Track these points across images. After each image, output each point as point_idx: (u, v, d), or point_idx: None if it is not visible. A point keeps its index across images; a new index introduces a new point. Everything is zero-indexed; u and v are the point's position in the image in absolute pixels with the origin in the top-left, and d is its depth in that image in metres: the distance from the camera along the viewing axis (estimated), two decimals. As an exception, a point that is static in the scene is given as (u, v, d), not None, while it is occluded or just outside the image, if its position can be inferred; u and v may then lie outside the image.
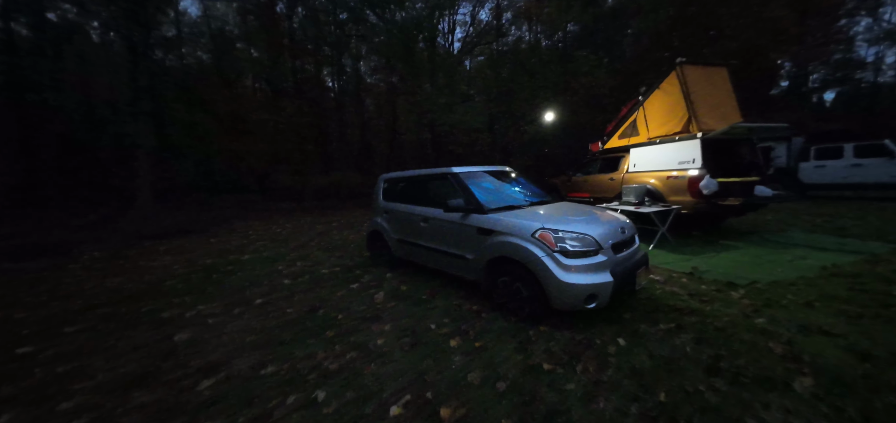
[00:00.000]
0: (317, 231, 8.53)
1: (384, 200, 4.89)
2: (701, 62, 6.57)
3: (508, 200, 3.72)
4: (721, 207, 5.75)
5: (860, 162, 9.89)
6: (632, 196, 6.61)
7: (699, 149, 5.92)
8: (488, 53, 22.96)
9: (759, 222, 7.11)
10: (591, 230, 2.90)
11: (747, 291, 3.60)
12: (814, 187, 10.84)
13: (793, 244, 5.39)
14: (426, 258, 4.14)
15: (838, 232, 6.03)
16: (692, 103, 6.15)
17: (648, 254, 5.29)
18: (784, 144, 11.31)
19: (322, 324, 3.16)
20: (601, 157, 8.56)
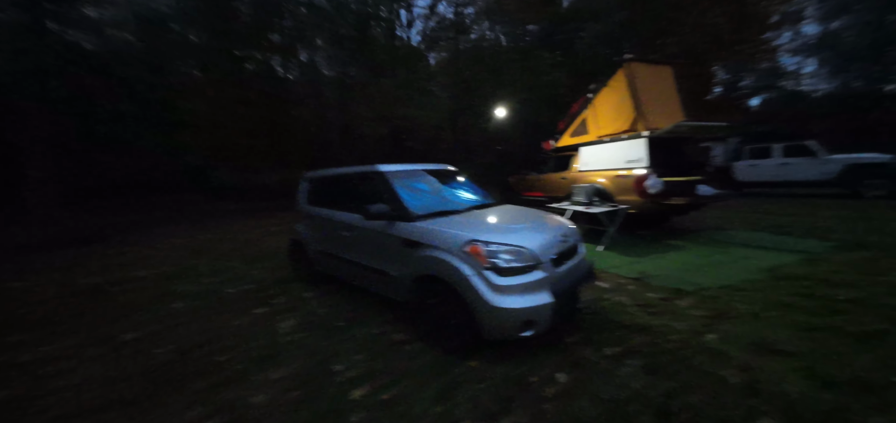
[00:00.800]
0: (248, 237, 7.54)
1: (307, 203, 4.16)
2: (647, 60, 6.43)
3: (444, 204, 3.16)
4: (667, 207, 5.61)
5: (787, 161, 10.49)
6: (581, 196, 6.35)
7: (645, 148, 5.74)
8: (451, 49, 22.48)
9: (703, 220, 7.16)
10: (529, 241, 2.42)
11: (696, 299, 3.32)
12: (748, 185, 11.40)
13: (735, 244, 5.34)
14: (349, 274, 3.50)
15: (775, 230, 6.12)
16: (639, 101, 5.97)
17: (598, 257, 5.18)
18: (721, 144, 11.82)
19: (195, 370, 2.43)
20: (554, 155, 8.32)
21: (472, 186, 3.97)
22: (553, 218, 3.07)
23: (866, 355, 2.24)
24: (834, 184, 9.86)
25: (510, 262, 2.29)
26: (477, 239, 2.35)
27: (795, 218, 7.01)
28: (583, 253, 2.96)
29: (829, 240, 5.19)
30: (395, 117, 14.42)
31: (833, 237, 5.31)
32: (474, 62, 19.28)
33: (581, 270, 2.78)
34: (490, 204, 3.54)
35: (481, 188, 4.04)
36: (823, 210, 7.89)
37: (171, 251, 6.48)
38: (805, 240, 5.27)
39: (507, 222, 2.84)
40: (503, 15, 20.14)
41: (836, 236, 5.42)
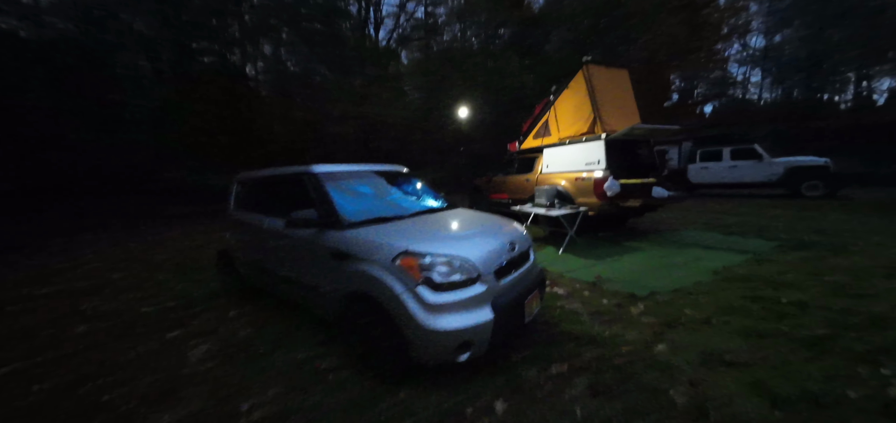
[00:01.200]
0: (187, 245, 6.86)
1: (236, 208, 3.71)
2: (605, 63, 6.42)
3: (385, 210, 2.83)
4: (624, 209, 5.59)
5: (736, 164, 10.99)
6: (543, 198, 6.24)
7: (603, 150, 5.69)
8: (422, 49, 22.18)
9: (659, 221, 7.26)
10: (470, 251, 2.16)
11: (648, 304, 3.21)
12: (700, 186, 11.86)
13: (687, 244, 5.38)
14: (280, 289, 3.11)
15: (725, 230, 6.26)
16: (597, 103, 5.93)
17: (557, 260, 5.02)
18: (676, 147, 12.24)
19: (71, 412, 1.99)
20: (519, 157, 8.20)
21: (424, 188, 3.68)
22: (504, 224, 2.83)
23: (814, 365, 2.15)
24: (777, 185, 10.42)
25: (447, 276, 2.02)
26: (410, 250, 2.06)
27: (743, 218, 7.26)
28: (533, 261, 2.75)
29: (774, 240, 5.33)
30: (360, 116, 13.91)
31: (777, 237, 5.47)
32: (444, 62, 19.10)
33: (530, 279, 2.55)
34: (440, 209, 3.26)
35: (434, 191, 3.77)
36: (768, 210, 8.26)
37: (93, 262, 5.75)
38: (752, 240, 5.39)
39: (451, 230, 2.56)
40: (473, 17, 20.13)
41: (780, 235, 5.59)
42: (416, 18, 22.13)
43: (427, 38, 21.32)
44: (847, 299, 3.07)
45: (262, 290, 3.47)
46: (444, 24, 22.86)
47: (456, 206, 3.56)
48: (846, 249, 4.65)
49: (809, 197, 9.76)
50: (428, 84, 18.62)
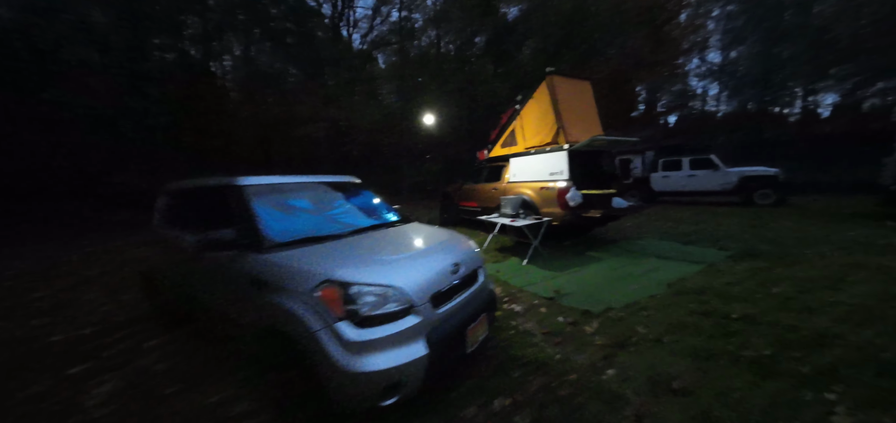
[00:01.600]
0: (129, 257, 6.26)
1: (160, 224, 3.33)
2: (568, 74, 6.40)
3: (321, 227, 2.56)
4: (586, 219, 5.54)
5: (694, 173, 11.37)
6: (509, 208, 6.12)
7: (566, 160, 5.65)
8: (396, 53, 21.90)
9: (621, 230, 7.32)
10: (403, 277, 1.94)
11: (602, 321, 3.10)
12: (662, 194, 12.20)
13: (646, 254, 5.40)
14: (200, 318, 2.77)
15: (682, 238, 6.36)
16: (560, 114, 5.89)
17: (520, 272, 4.85)
18: (640, 157, 12.56)
19: None
20: (488, 165, 8.09)
21: (374, 201, 3.43)
22: (450, 242, 2.62)
23: (759, 390, 2.07)
24: (732, 193, 10.84)
25: (374, 308, 1.79)
26: (333, 278, 1.82)
27: (699, 227, 7.43)
28: (482, 282, 2.56)
29: (727, 249, 5.43)
30: (327, 118, 13.45)
31: (730, 246, 5.57)
32: (420, 67, 18.91)
33: (476, 303, 2.36)
34: (389, 224, 3.02)
35: (387, 203, 3.53)
36: (724, 218, 8.53)
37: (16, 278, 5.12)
38: (706, 249, 5.46)
39: (388, 252, 2.32)
40: (447, 23, 20.06)
41: (734, 244, 5.71)
42: (390, 21, 21.85)
43: (401, 42, 21.06)
44: (793, 314, 3.07)
45: (187, 317, 3.10)
46: (419, 30, 22.71)
47: (410, 219, 3.35)
48: (793, 258, 4.77)
49: (761, 205, 10.20)
50: (402, 88, 18.37)
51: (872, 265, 4.25)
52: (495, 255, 5.80)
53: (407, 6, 21.44)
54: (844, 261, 4.53)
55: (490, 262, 5.36)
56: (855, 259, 4.58)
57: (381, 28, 21.92)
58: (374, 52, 22.35)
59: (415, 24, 22.36)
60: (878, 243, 5.31)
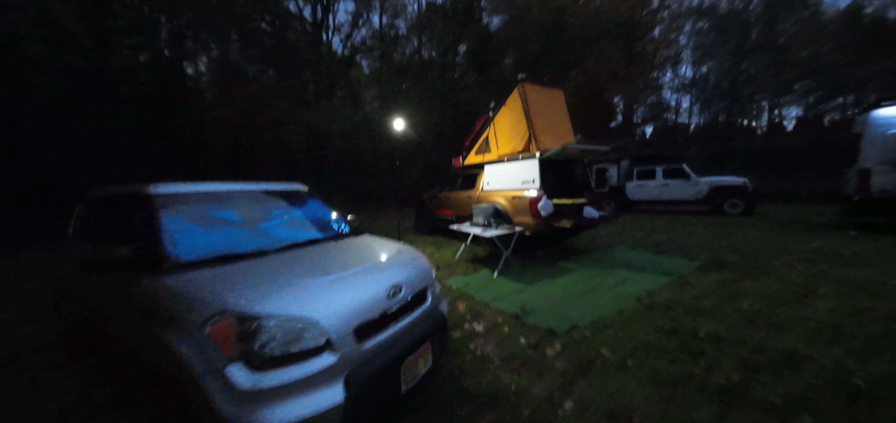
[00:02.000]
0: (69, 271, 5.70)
1: (74, 236, 2.92)
2: (540, 82, 6.26)
3: (241, 243, 2.20)
4: (557, 229, 5.35)
5: (667, 182, 11.47)
6: (480, 217, 5.87)
7: (537, 169, 5.46)
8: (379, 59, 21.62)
9: (594, 239, 7.18)
10: (320, 307, 1.62)
11: (565, 342, 2.85)
12: (638, 203, 12.26)
13: (616, 264, 5.23)
14: (99, 348, 2.38)
15: (654, 248, 6.26)
16: (531, 122, 5.72)
17: (490, 285, 4.47)
18: (615, 166, 12.62)
19: None
20: (462, 173, 7.85)
21: (320, 211, 3.11)
22: (393, 259, 2.32)
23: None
24: (703, 202, 10.96)
25: (278, 345, 1.47)
26: (230, 309, 1.49)
27: (671, 236, 7.38)
28: (430, 304, 2.26)
29: (697, 259, 5.33)
30: (302, 122, 12.99)
31: (700, 256, 5.48)
32: (400, 73, 18.68)
33: (418, 332, 2.05)
34: (331, 238, 2.70)
35: (339, 214, 3.21)
36: (695, 227, 8.55)
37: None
38: (677, 260, 5.35)
39: (313, 273, 1.96)
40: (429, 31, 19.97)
41: (703, 254, 5.62)
42: (373, 28, 21.58)
43: (384, 48, 20.81)
44: (761, 331, 2.90)
45: (91, 347, 2.68)
46: (402, 37, 22.54)
47: (363, 231, 3.04)
48: (760, 269, 4.68)
49: (731, 214, 10.33)
50: (383, 94, 18.06)
51: (837, 277, 4.19)
52: (467, 266, 5.53)
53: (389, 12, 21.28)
54: (811, 272, 4.47)
55: (460, 274, 5.09)
56: (820, 270, 4.52)
57: (364, 33, 21.66)
58: (358, 58, 21.99)
59: (398, 31, 22.21)
60: (843, 253, 5.32)
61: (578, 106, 19.03)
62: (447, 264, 5.60)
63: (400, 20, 22.46)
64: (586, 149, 5.68)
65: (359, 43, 21.53)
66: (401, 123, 6.14)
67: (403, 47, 22.11)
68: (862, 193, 6.65)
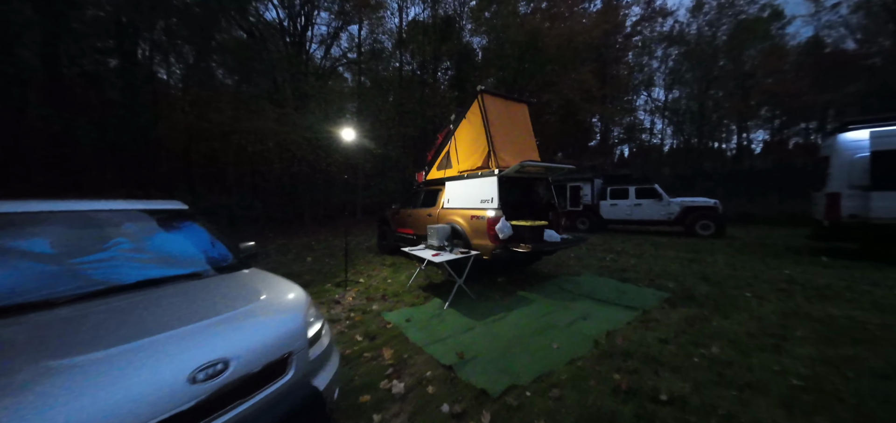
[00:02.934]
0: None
1: None
2: (502, 95, 5.77)
3: (30, 286, 1.54)
4: (517, 254, 4.77)
5: (640, 202, 11.18)
6: (435, 238, 5.26)
7: (496, 187, 4.91)
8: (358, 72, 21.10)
9: (562, 263, 6.65)
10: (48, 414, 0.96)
11: (496, 412, 2.22)
12: (611, 222, 11.92)
13: (580, 294, 4.68)
14: None
15: (621, 274, 5.76)
16: (491, 136, 5.20)
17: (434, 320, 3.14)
18: (589, 184, 12.30)
19: None
20: (425, 188, 7.26)
21: (195, 240, 2.42)
22: (244, 311, 1.67)
23: None
24: (675, 223, 10.68)
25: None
26: None
27: (640, 260, 6.91)
28: (288, 379, 1.59)
29: (666, 288, 4.84)
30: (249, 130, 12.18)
31: (669, 285, 4.99)
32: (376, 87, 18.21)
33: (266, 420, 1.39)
34: (185, 276, 2.02)
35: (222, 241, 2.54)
36: (666, 249, 8.16)
37: None
38: (643, 290, 4.83)
39: (74, 345, 1.28)
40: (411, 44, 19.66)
41: (672, 283, 5.14)
42: (353, 41, 21.11)
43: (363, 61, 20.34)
44: (733, 392, 2.35)
45: None
46: (382, 50, 22.16)
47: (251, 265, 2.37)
48: (730, 303, 4.20)
49: (702, 235, 10.05)
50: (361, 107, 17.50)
51: (814, 315, 3.73)
52: (418, 294, 4.88)
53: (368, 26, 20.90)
54: (785, 307, 4.01)
55: (407, 304, 4.43)
56: (795, 305, 4.07)
57: (343, 47, 21.14)
58: (339, 69, 21.41)
59: (378, 44, 21.84)
60: (817, 284, 4.92)
61: (556, 125, 18.94)
62: (395, 293, 4.93)
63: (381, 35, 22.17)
64: (550, 166, 5.18)
65: (338, 56, 21.03)
66: (350, 134, 5.52)
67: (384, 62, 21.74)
68: (832, 218, 6.37)
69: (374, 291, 5.11)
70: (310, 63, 18.37)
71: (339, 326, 3.76)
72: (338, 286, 5.39)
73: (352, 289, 5.24)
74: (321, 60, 20.11)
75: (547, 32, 16.57)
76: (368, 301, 4.63)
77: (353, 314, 4.15)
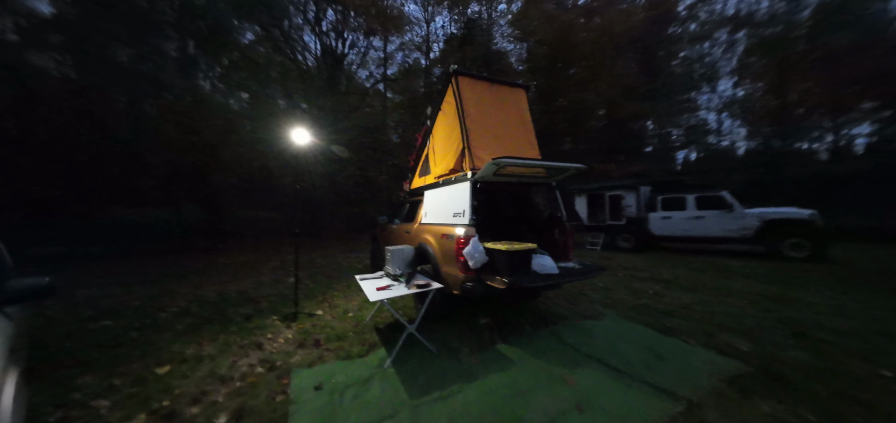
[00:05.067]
0: None
1: None
2: (486, 77, 4.43)
3: None
4: (492, 290, 3.36)
5: (702, 214, 8.97)
6: (393, 265, 4.08)
7: (469, 195, 3.60)
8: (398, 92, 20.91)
9: (580, 294, 5.04)
10: None
11: None
12: (662, 239, 9.77)
13: (590, 354, 3.15)
14: None
15: (663, 317, 4.06)
16: (466, 130, 3.91)
17: (371, 379, 2.60)
18: (633, 193, 10.27)
19: None
20: (409, 199, 6.12)
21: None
22: None
23: None
24: (752, 241, 8.35)
25: None
26: None
27: (696, 296, 5.03)
28: None
29: (733, 353, 3.12)
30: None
31: (739, 349, 3.25)
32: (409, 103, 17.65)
33: None
34: None
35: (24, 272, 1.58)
36: (736, 278, 6.11)
37: None
38: (693, 352, 3.16)
39: None
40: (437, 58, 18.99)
41: (745, 341, 3.38)
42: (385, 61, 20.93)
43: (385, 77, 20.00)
44: None
45: None
46: (414, 68, 21.75)
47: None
48: (846, 391, 2.44)
49: (792, 258, 7.66)
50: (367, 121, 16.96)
51: None
52: (368, 338, 3.70)
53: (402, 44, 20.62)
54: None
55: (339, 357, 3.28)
56: None
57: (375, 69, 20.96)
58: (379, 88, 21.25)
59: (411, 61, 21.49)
60: None
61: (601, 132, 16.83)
62: (340, 336, 3.79)
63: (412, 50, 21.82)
64: (549, 165, 3.72)
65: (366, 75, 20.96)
66: (304, 135, 4.57)
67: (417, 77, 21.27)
68: None
69: (320, 330, 4.02)
70: (350, 82, 18.33)
71: (224, 389, 2.71)
72: (284, 320, 4.39)
73: (297, 325, 4.21)
74: (364, 80, 20.08)
75: (581, 28, 14.83)
76: (298, 347, 3.55)
77: (258, 369, 3.08)
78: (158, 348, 3.53)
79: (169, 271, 7.94)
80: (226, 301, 5.29)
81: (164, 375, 3.03)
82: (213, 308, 4.94)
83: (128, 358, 3.34)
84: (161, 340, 3.76)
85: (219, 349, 3.52)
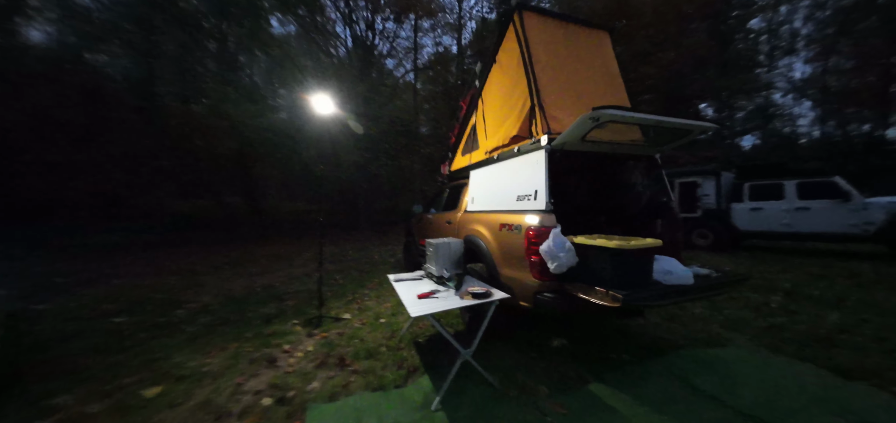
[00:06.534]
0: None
1: None
2: (558, 15, 3.30)
3: None
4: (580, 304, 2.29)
5: (807, 204, 7.19)
6: (435, 263, 3.15)
7: (544, 169, 2.56)
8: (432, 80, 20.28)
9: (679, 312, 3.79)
10: None
11: None
12: (751, 235, 8.05)
13: (732, 410, 2.01)
14: None
15: (822, 355, 2.77)
16: (536, 79, 2.84)
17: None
18: (712, 179, 8.56)
19: None
20: (450, 184, 5.17)
21: None
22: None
23: None
24: (875, 239, 6.52)
25: None
26: None
27: (847, 316, 3.57)
28: None
29: None
30: None
31: None
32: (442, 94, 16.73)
33: None
34: None
35: None
36: (877, 288, 4.53)
37: None
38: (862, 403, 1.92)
39: None
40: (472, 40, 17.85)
41: None
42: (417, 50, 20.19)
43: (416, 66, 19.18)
44: None
45: None
46: (446, 55, 20.85)
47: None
48: None
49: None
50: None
51: None
52: (406, 359, 2.83)
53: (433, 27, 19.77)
54: None
55: (370, 386, 2.45)
56: None
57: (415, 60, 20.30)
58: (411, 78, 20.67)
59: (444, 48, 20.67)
60: None
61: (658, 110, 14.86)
62: (371, 352, 2.95)
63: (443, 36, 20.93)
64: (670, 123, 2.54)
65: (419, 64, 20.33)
66: (328, 104, 3.76)
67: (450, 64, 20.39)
68: None
69: (348, 341, 3.22)
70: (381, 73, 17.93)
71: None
72: (306, 325, 3.66)
73: (320, 333, 3.44)
74: (393, 68, 19.59)
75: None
76: (319, 367, 2.74)
77: (264, 400, 2.31)
78: (160, 358, 2.94)
79: (206, 260, 7.80)
80: (250, 299, 4.74)
81: (151, 399, 2.35)
82: (234, 306, 4.40)
83: (123, 370, 2.76)
84: (167, 345, 3.20)
85: (226, 363, 2.83)
